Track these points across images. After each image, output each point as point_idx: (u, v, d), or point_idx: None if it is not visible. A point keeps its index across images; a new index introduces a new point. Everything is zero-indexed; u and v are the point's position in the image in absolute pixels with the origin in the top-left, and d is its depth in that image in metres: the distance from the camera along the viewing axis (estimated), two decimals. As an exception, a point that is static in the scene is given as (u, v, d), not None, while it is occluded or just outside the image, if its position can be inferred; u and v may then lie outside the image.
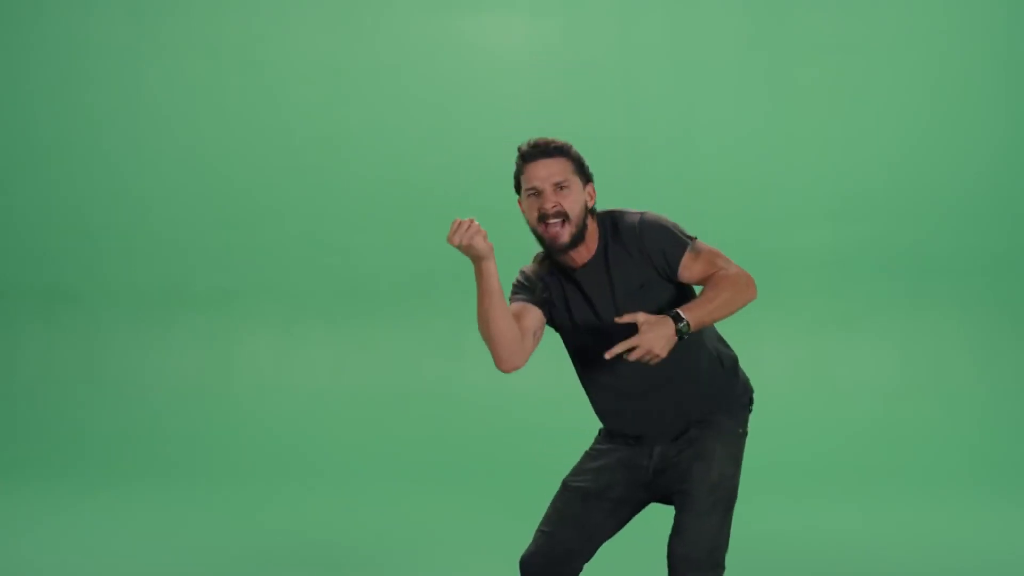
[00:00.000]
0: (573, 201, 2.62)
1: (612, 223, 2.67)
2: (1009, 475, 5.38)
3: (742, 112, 6.06)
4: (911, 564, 4.17)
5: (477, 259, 2.53)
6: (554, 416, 5.61)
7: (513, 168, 2.70)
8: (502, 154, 2.71)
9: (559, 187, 2.62)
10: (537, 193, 2.63)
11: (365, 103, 6.11)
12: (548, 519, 2.79)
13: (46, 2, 6.14)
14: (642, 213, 2.67)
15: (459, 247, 2.50)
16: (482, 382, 5.91)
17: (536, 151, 2.64)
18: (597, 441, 2.89)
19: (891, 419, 5.73)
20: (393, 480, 5.34)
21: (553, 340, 2.92)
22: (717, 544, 2.65)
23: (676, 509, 2.68)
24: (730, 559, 4.20)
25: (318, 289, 6.09)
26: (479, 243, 2.49)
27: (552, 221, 2.61)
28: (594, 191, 2.70)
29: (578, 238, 2.63)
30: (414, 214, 6.03)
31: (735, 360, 2.85)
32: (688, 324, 2.44)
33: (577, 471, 2.84)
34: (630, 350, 2.41)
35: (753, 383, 2.98)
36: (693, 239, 2.63)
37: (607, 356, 2.44)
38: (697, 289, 2.71)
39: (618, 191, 6.23)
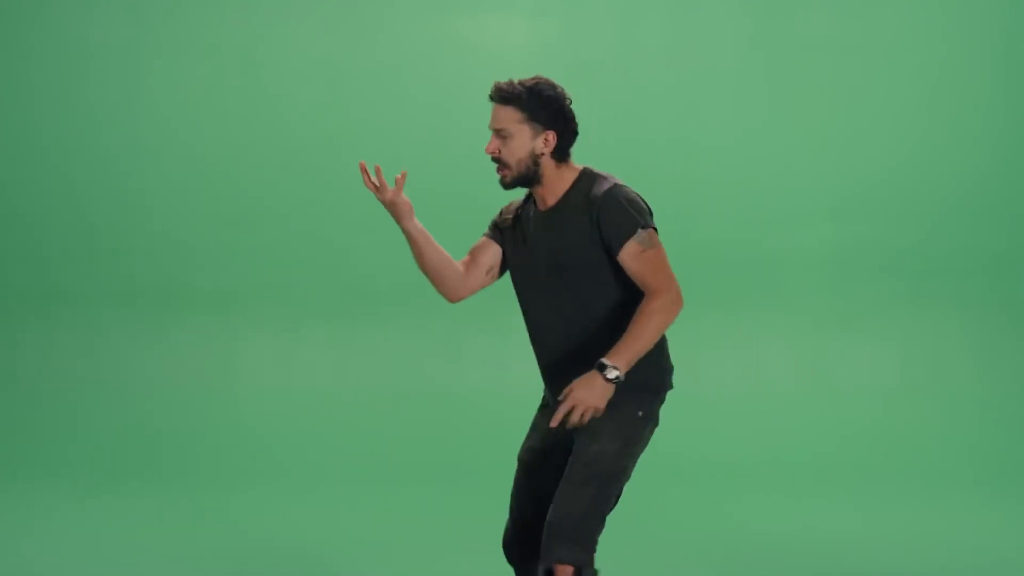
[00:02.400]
0: (512, 150, 2.72)
1: (587, 183, 2.73)
2: (1009, 475, 5.38)
3: (742, 112, 6.05)
4: (911, 564, 4.17)
5: (397, 218, 2.80)
6: (554, 416, 5.61)
7: None
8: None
9: (499, 134, 2.74)
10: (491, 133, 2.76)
11: (365, 103, 6.11)
12: (512, 498, 2.88)
13: (46, 2, 6.13)
14: (614, 185, 2.70)
15: (381, 202, 2.75)
16: (482, 382, 5.92)
17: (492, 95, 2.80)
18: (537, 410, 2.96)
19: (891, 419, 5.73)
20: (394, 480, 5.33)
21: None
22: (586, 520, 2.60)
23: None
24: (730, 559, 4.22)
25: (318, 289, 6.09)
26: (400, 204, 2.77)
27: (496, 165, 2.76)
28: (553, 138, 2.73)
29: (522, 182, 2.75)
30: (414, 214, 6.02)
31: (660, 365, 2.76)
32: (616, 368, 2.52)
33: (523, 444, 2.92)
34: (570, 413, 2.52)
35: (753, 382, 2.97)
36: (648, 229, 2.64)
37: (552, 425, 2.57)
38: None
39: (618, 191, 6.24)
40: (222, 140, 6.12)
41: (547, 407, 2.88)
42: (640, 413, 2.69)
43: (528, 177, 2.74)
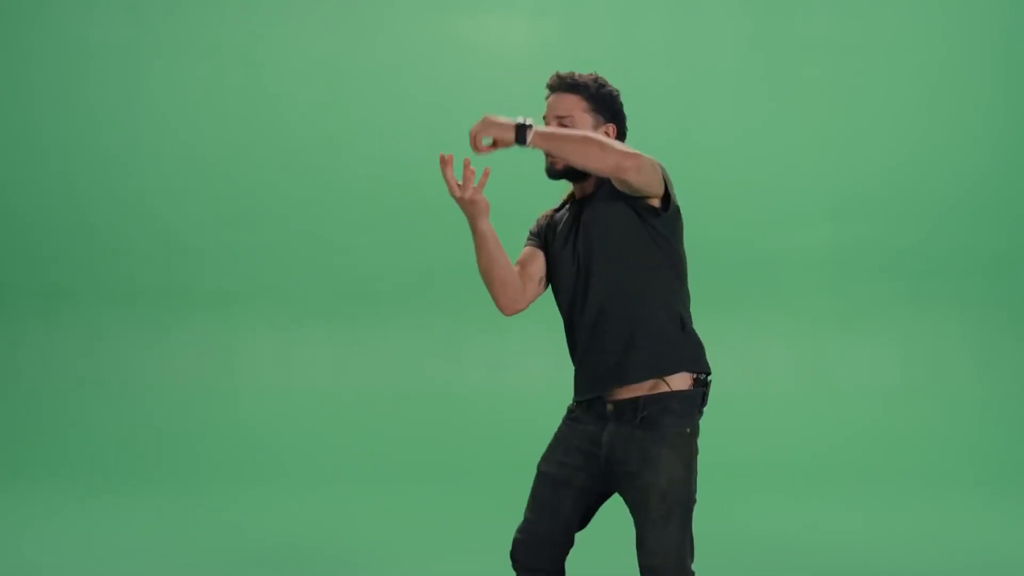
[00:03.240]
0: None
1: None
2: (1009, 475, 5.39)
3: (742, 112, 6.06)
4: (911, 564, 4.17)
5: (472, 216, 2.66)
6: (554, 416, 5.60)
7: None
8: (502, 154, 2.70)
9: (561, 121, 2.71)
10: (547, 123, 2.73)
11: (365, 103, 6.11)
12: (529, 506, 2.83)
13: (46, 2, 6.14)
14: None
15: (458, 199, 2.62)
16: (482, 382, 5.92)
17: (554, 84, 2.78)
18: (563, 421, 2.89)
19: (891, 419, 5.73)
20: (394, 480, 5.34)
21: (556, 340, 2.91)
22: (682, 551, 2.63)
23: (634, 520, 2.66)
24: (731, 559, 4.22)
25: (319, 289, 6.09)
26: (480, 202, 2.63)
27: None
28: (613, 132, 2.75)
29: (571, 173, 2.71)
30: (415, 214, 6.03)
31: (701, 344, 2.76)
32: (532, 129, 2.47)
33: (547, 455, 2.87)
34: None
35: (754, 382, 2.96)
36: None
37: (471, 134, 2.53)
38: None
39: (618, 191, 6.24)
40: (222, 140, 6.12)
41: (573, 418, 2.83)
42: (688, 431, 2.70)
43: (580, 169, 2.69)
